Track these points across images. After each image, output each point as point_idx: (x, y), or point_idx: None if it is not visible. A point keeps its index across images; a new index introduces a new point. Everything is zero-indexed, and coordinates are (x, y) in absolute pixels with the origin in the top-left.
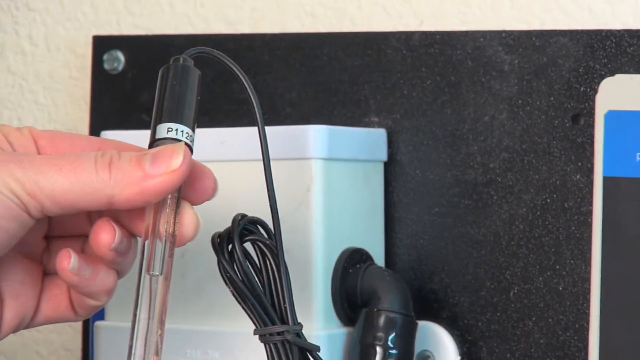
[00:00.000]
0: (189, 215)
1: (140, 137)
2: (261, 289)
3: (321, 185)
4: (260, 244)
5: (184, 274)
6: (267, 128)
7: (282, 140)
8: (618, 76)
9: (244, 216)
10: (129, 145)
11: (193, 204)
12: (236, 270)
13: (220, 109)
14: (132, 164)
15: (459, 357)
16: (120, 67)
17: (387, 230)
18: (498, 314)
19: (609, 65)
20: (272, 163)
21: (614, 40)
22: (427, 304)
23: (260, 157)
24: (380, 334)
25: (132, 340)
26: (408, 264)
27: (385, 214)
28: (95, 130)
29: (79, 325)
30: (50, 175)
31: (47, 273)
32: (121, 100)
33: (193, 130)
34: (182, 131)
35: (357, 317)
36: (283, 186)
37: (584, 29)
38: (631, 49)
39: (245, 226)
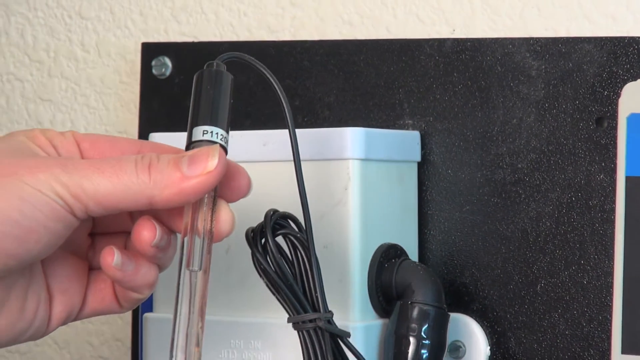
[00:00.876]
0: (225, 212)
1: (185, 139)
2: (293, 279)
3: (358, 185)
4: (292, 237)
5: (229, 268)
6: (307, 130)
7: (321, 141)
8: None
9: (275, 211)
10: (167, 147)
11: (228, 201)
12: (269, 262)
13: (262, 111)
14: (171, 166)
15: (488, 348)
16: (168, 73)
17: (421, 227)
18: (526, 306)
19: (632, 71)
20: (311, 163)
21: (636, 47)
22: (459, 296)
23: (301, 157)
24: (414, 325)
25: (174, 333)
26: (440, 259)
27: (419, 212)
28: (144, 132)
29: (129, 317)
30: (93, 179)
31: (92, 268)
32: (168, 103)
33: (227, 132)
34: (217, 133)
35: (392, 309)
36: (322, 185)
37: (608, 36)
38: None
39: (277, 221)
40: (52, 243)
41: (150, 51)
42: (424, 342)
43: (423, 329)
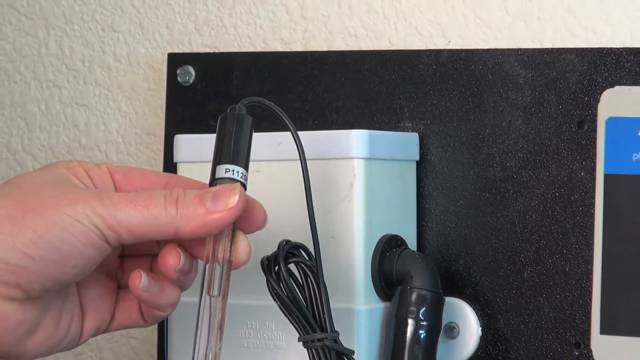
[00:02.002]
0: (243, 243)
1: (208, 140)
2: (304, 303)
3: (362, 181)
4: (303, 265)
5: None
6: (316, 132)
7: (329, 142)
8: (617, 88)
9: (288, 241)
10: (192, 181)
11: (246, 232)
12: (282, 287)
13: (275, 115)
14: (196, 202)
15: (480, 329)
16: (192, 80)
17: (419, 219)
18: (513, 291)
19: (610, 79)
20: (321, 162)
21: (613, 57)
22: (453, 282)
23: (310, 157)
24: (413, 308)
25: (195, 353)
26: (437, 248)
27: (418, 206)
28: (169, 133)
29: None
30: (126, 211)
31: (120, 287)
32: (192, 108)
33: (246, 170)
34: (238, 171)
35: (393, 294)
36: (330, 182)
37: (588, 47)
38: (629, 64)
39: (289, 250)
40: (87, 267)
41: (176, 61)
42: (421, 323)
43: (421, 311)
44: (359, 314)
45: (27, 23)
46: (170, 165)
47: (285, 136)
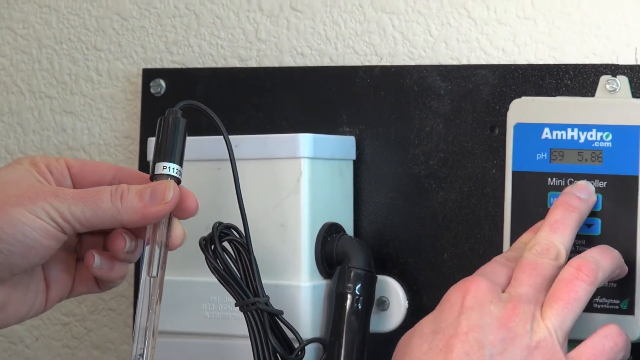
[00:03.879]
0: (178, 229)
1: None
2: (237, 274)
3: (307, 178)
4: (235, 242)
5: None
6: (268, 136)
7: (279, 144)
8: (523, 98)
9: (220, 223)
10: (136, 172)
11: (181, 219)
12: (218, 262)
13: (233, 121)
14: (137, 198)
15: (406, 302)
16: (163, 92)
17: (355, 209)
18: (435, 270)
19: (517, 90)
20: (272, 161)
21: (520, 72)
22: (384, 263)
23: (263, 156)
24: (350, 285)
25: (136, 326)
26: (370, 234)
27: (354, 198)
28: (144, 137)
29: (131, 279)
30: (78, 206)
31: (79, 259)
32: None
33: (181, 165)
34: (173, 168)
35: (333, 273)
36: (279, 178)
37: (499, 64)
38: (533, 78)
39: (222, 230)
40: (47, 254)
41: (149, 75)
42: (357, 297)
43: (357, 287)
44: (304, 290)
45: (22, 42)
46: (144, 164)
47: (241, 139)
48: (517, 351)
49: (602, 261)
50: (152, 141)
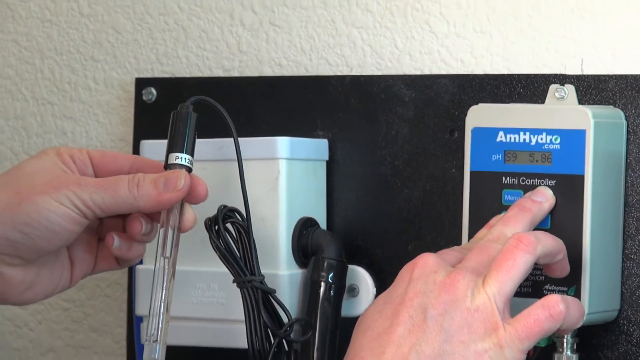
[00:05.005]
0: (189, 213)
1: (165, 145)
2: (237, 254)
3: (285, 176)
4: (237, 224)
5: (195, 232)
6: (249, 139)
7: (260, 146)
8: (480, 105)
9: (225, 206)
10: (152, 161)
11: (192, 204)
12: (221, 242)
13: (218, 125)
14: (152, 186)
15: (374, 289)
16: (154, 99)
17: (328, 205)
18: (400, 260)
19: (474, 98)
20: (253, 161)
21: (477, 82)
22: (354, 253)
23: (245, 157)
24: (323, 274)
25: (152, 301)
26: (342, 228)
27: (327, 195)
28: (137, 139)
29: (125, 269)
30: (99, 194)
31: (100, 239)
32: (154, 120)
33: (192, 155)
34: (185, 158)
35: (308, 262)
36: (260, 176)
37: (458, 74)
38: (489, 87)
39: (226, 213)
40: (70, 238)
41: (141, 84)
42: (330, 285)
43: (330, 276)
44: (282, 278)
45: (26, 54)
46: None
47: (225, 142)
48: (457, 313)
49: (542, 237)
50: (144, 144)
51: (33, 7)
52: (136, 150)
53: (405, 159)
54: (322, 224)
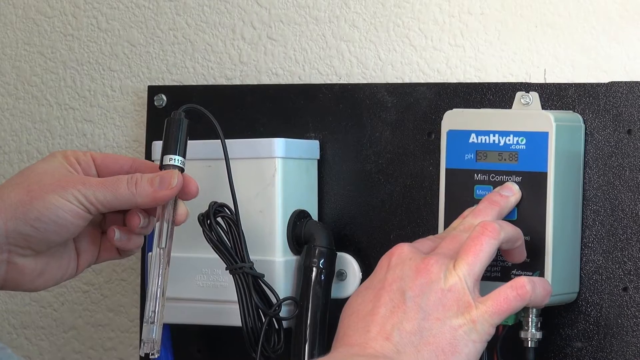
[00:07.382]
0: (182, 208)
1: None
2: (229, 244)
3: (281, 173)
4: (227, 218)
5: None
6: (248, 140)
7: (259, 146)
8: (455, 110)
9: (216, 202)
10: (149, 163)
11: (184, 200)
12: (213, 234)
13: (221, 128)
14: (148, 184)
15: (360, 274)
16: (164, 104)
17: (320, 199)
18: (384, 248)
19: (450, 103)
20: (252, 160)
21: (452, 89)
22: (343, 242)
23: (245, 156)
24: (315, 260)
25: (149, 287)
26: (332, 219)
27: (318, 190)
28: (149, 141)
29: (139, 255)
30: (101, 192)
31: (103, 232)
32: (164, 123)
33: (184, 157)
34: (177, 159)
35: (302, 250)
36: (258, 174)
37: (435, 82)
38: (462, 94)
39: (216, 208)
40: (76, 231)
41: (153, 91)
42: (321, 270)
43: (321, 262)
44: (278, 264)
45: (51, 64)
46: None
47: (229, 142)
48: (432, 293)
49: (505, 225)
50: (156, 144)
51: (57, 22)
52: (148, 149)
53: (388, 158)
54: (314, 215)
